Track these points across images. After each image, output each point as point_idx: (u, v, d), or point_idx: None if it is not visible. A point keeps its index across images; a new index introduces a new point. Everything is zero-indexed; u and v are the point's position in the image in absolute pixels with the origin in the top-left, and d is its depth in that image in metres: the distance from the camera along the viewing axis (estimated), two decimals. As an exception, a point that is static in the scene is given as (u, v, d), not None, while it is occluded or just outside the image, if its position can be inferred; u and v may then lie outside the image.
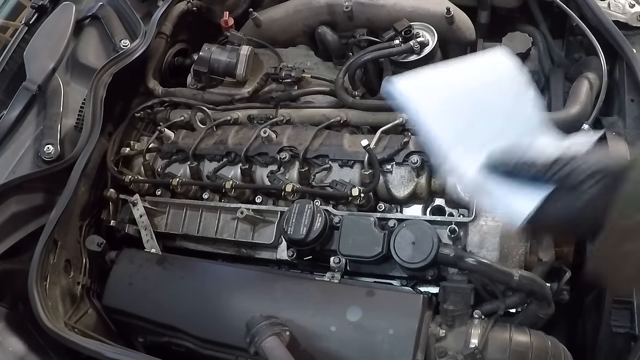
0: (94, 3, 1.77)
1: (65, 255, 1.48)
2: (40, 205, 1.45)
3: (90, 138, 1.47)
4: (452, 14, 1.56)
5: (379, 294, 1.18)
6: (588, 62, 1.53)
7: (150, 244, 1.48)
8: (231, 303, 1.28)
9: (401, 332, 1.09)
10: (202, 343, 1.29)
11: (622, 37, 1.38)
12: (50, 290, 1.38)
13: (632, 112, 1.35)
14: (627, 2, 1.47)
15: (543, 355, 1.05)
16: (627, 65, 1.37)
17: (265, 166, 1.47)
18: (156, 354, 1.19)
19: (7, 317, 1.31)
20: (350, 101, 1.50)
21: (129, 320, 1.43)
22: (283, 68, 1.60)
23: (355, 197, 1.29)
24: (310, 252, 1.31)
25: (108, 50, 1.69)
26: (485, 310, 1.14)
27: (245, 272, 1.36)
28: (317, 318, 1.17)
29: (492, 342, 1.07)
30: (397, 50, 1.46)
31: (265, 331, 1.06)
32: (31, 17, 1.78)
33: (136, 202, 1.51)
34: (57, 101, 1.55)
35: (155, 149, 1.62)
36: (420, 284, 1.26)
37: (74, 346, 1.21)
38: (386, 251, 1.19)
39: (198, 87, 1.72)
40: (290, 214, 1.26)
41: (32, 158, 1.48)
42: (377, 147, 1.34)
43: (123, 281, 1.44)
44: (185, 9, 1.82)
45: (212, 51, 1.65)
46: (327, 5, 1.70)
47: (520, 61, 1.58)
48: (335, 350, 1.12)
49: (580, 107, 1.36)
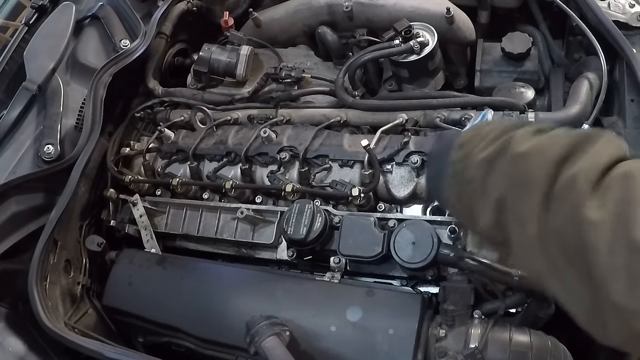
0: (94, 3, 1.76)
1: (65, 255, 1.48)
2: (40, 205, 1.45)
3: (90, 138, 1.47)
4: (452, 14, 1.56)
5: (379, 294, 1.18)
6: (588, 62, 1.53)
7: (150, 244, 1.48)
8: (231, 303, 1.28)
9: (401, 332, 1.09)
10: (202, 343, 1.29)
11: (622, 37, 1.38)
12: (50, 290, 1.38)
13: (632, 112, 1.35)
14: (627, 2, 1.47)
15: (543, 355, 1.05)
16: (627, 65, 1.37)
17: (265, 166, 1.47)
18: (156, 354, 1.19)
19: (7, 317, 1.31)
20: (350, 101, 1.50)
21: (129, 320, 1.43)
22: (283, 68, 1.60)
23: (355, 197, 1.29)
24: (310, 252, 1.31)
25: (108, 50, 1.69)
26: (485, 310, 1.14)
27: (245, 272, 1.36)
28: (317, 318, 1.17)
29: (492, 342, 1.07)
30: (397, 50, 1.46)
31: (265, 331, 1.06)
32: (31, 17, 1.78)
33: (136, 202, 1.51)
34: (57, 101, 1.55)
35: (155, 149, 1.62)
36: (420, 284, 1.26)
37: (74, 346, 1.21)
38: (386, 251, 1.19)
39: (198, 87, 1.72)
40: (290, 214, 1.26)
41: (32, 158, 1.48)
42: (377, 147, 1.34)
43: (123, 281, 1.44)
44: (185, 9, 1.82)
45: (212, 51, 1.65)
46: (327, 5, 1.70)
47: (520, 61, 1.61)
48: (335, 350, 1.12)
49: (580, 107, 1.36)
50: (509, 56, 1.60)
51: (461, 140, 0.87)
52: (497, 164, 0.77)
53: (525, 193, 0.70)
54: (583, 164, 0.66)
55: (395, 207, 1.36)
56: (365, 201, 1.31)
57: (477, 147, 0.82)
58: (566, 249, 0.64)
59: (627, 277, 0.57)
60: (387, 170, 1.34)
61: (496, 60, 1.63)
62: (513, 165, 0.74)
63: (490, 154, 0.79)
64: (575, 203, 0.63)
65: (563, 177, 0.66)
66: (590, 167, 0.65)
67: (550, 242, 0.67)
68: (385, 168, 1.33)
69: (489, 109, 1.32)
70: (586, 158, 0.66)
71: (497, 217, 0.76)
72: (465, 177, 0.83)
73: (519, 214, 0.72)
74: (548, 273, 0.69)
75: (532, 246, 0.69)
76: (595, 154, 0.66)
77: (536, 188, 0.68)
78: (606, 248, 0.59)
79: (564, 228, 0.64)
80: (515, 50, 1.59)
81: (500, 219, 0.75)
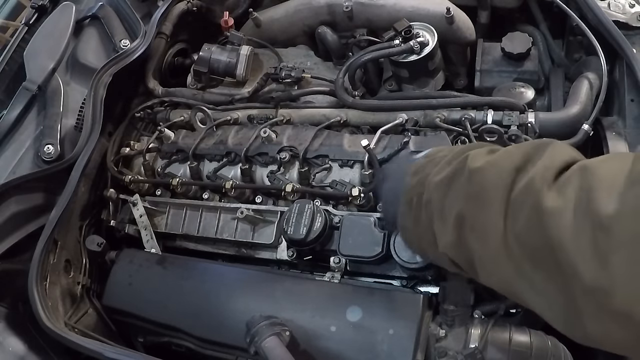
0: (94, 3, 1.76)
1: (65, 255, 1.48)
2: (40, 205, 1.45)
3: (90, 138, 1.47)
4: (452, 14, 1.56)
5: (379, 294, 1.18)
6: (588, 62, 1.53)
7: (150, 244, 1.48)
8: (231, 303, 1.28)
9: (401, 332, 1.09)
10: (202, 343, 1.29)
11: (622, 37, 1.38)
12: (50, 290, 1.38)
13: (632, 112, 1.35)
14: (627, 2, 1.47)
15: (543, 355, 1.05)
16: (627, 65, 1.37)
17: (265, 166, 1.47)
18: (156, 354, 1.19)
19: (7, 317, 1.31)
20: (350, 101, 1.50)
21: (129, 320, 1.43)
22: (283, 68, 1.60)
23: (355, 197, 1.29)
24: (310, 252, 1.31)
25: (108, 50, 1.69)
26: (485, 310, 1.14)
27: (245, 272, 1.36)
28: (317, 318, 1.17)
29: (492, 342, 1.07)
30: (397, 50, 1.46)
31: (265, 331, 1.06)
32: (31, 17, 1.78)
33: (136, 202, 1.51)
34: (57, 101, 1.55)
35: (155, 149, 1.62)
36: (420, 284, 1.25)
37: (74, 346, 1.21)
38: (386, 251, 1.18)
39: (198, 87, 1.72)
40: (290, 214, 1.26)
41: (32, 158, 1.48)
42: (377, 147, 1.34)
43: (123, 281, 1.44)
44: (185, 9, 1.82)
45: (212, 51, 1.64)
46: (327, 5, 1.70)
47: (520, 61, 1.61)
48: (335, 350, 1.13)
49: (580, 107, 1.36)
50: (509, 56, 1.60)
51: (414, 168, 0.89)
52: (453, 183, 0.77)
53: (483, 205, 0.70)
54: (538, 168, 0.66)
55: (395, 207, 1.35)
56: (365, 201, 1.31)
57: (431, 172, 0.83)
58: (531, 250, 0.64)
59: (595, 256, 0.56)
60: (387, 170, 1.33)
61: (496, 60, 1.64)
62: (469, 181, 0.74)
63: (446, 176, 0.79)
64: (534, 202, 0.63)
65: (520, 184, 0.66)
66: (546, 168, 0.65)
67: (514, 248, 0.66)
68: (386, 168, 1.33)
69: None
70: (541, 162, 0.66)
71: (458, 234, 0.75)
72: (421, 201, 0.83)
73: (479, 226, 0.71)
74: (516, 281, 0.68)
75: (496, 256, 0.69)
76: (550, 157, 0.67)
77: (494, 198, 0.69)
78: (570, 233, 0.58)
79: (526, 229, 0.64)
80: (515, 50, 1.59)
81: (460, 235, 0.75)
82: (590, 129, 1.32)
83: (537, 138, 1.31)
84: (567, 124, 1.34)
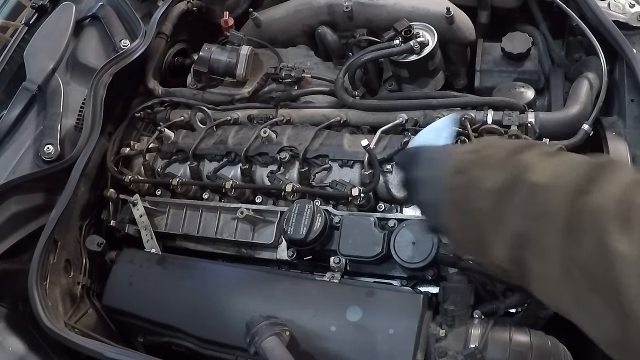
0: (94, 3, 1.76)
1: (65, 255, 1.48)
2: (40, 205, 1.45)
3: (90, 138, 1.47)
4: (452, 14, 1.56)
5: (379, 294, 1.18)
6: (588, 62, 1.53)
7: (150, 244, 1.48)
8: (231, 303, 1.28)
9: (401, 332, 1.09)
10: (202, 343, 1.29)
11: (622, 37, 1.38)
12: (50, 290, 1.38)
13: (632, 112, 1.35)
14: (627, 2, 1.47)
15: (543, 355, 1.05)
16: (627, 65, 1.37)
17: (265, 166, 1.47)
18: (156, 354, 1.19)
19: (7, 317, 1.31)
20: (350, 101, 1.50)
21: (129, 320, 1.43)
22: (283, 68, 1.60)
23: (355, 197, 1.29)
24: (310, 252, 1.31)
25: (108, 50, 1.69)
26: (485, 310, 1.14)
27: (245, 272, 1.36)
28: (317, 318, 1.17)
29: (492, 342, 1.07)
30: (397, 50, 1.46)
31: (265, 331, 1.06)
32: (31, 17, 1.78)
33: (136, 202, 1.51)
34: (57, 101, 1.55)
35: (155, 149, 1.62)
36: (420, 284, 1.25)
37: (74, 346, 1.21)
38: (386, 251, 1.19)
39: (198, 87, 1.72)
40: (290, 214, 1.26)
41: (32, 158, 1.48)
42: (377, 147, 1.34)
43: (123, 281, 1.44)
44: (185, 9, 1.82)
45: (212, 51, 1.65)
46: (327, 5, 1.70)
47: (520, 61, 1.61)
48: (335, 350, 1.12)
49: (580, 107, 1.36)
50: (509, 56, 1.60)
51: (458, 164, 0.81)
52: (512, 195, 0.72)
53: (545, 227, 0.68)
54: (603, 194, 0.64)
55: (395, 207, 1.35)
56: (365, 201, 1.31)
57: (481, 174, 0.77)
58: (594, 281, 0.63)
59: None
60: (387, 170, 1.33)
61: (496, 60, 1.64)
62: (530, 199, 0.70)
63: (500, 184, 0.74)
64: (600, 238, 0.61)
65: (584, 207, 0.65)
66: (611, 196, 0.63)
67: (576, 274, 0.65)
68: (385, 168, 1.33)
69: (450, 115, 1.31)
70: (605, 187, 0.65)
71: (515, 252, 0.72)
72: (470, 207, 0.78)
73: (540, 248, 0.69)
74: (572, 302, 0.67)
75: (555, 279, 0.67)
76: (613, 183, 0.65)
77: (556, 221, 0.66)
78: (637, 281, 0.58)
79: (591, 263, 0.63)
80: (515, 50, 1.59)
81: (517, 253, 0.72)
82: (590, 129, 1.32)
83: (537, 138, 1.31)
84: (567, 124, 1.34)
